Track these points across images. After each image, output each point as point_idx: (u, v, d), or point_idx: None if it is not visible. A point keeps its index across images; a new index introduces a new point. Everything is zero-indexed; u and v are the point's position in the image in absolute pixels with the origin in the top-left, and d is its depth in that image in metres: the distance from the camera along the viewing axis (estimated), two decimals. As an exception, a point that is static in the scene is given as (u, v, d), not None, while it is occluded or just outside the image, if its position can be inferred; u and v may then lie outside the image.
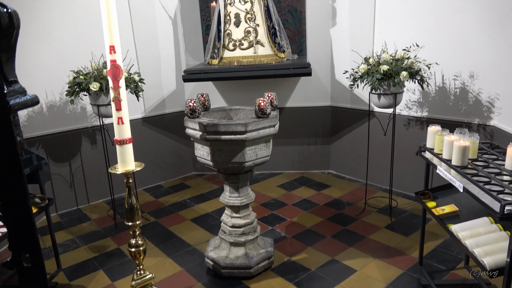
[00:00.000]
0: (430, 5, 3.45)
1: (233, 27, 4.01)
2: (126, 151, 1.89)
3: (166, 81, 4.49)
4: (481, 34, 3.20)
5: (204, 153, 2.54)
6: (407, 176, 3.86)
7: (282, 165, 4.69)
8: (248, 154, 2.44)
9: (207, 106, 2.77)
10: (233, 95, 4.57)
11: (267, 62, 3.97)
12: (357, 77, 3.21)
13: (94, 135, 4.04)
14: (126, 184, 1.94)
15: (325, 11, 4.20)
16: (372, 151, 3.77)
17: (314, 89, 4.43)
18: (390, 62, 3.08)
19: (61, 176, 3.91)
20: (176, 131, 4.61)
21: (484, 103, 3.28)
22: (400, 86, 3.07)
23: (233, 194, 2.67)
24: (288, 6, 4.44)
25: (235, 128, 2.34)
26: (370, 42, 3.90)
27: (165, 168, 4.63)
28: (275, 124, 2.52)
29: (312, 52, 4.27)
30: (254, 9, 3.98)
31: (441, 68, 3.44)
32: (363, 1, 3.90)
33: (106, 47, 1.80)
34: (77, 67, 3.32)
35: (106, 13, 1.74)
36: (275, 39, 4.09)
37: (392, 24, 3.73)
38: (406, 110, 3.80)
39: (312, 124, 4.54)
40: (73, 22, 3.72)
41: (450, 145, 2.20)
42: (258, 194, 4.09)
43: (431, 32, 3.46)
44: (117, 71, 1.83)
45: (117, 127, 1.86)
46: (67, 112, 3.84)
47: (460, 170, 2.08)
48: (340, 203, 3.84)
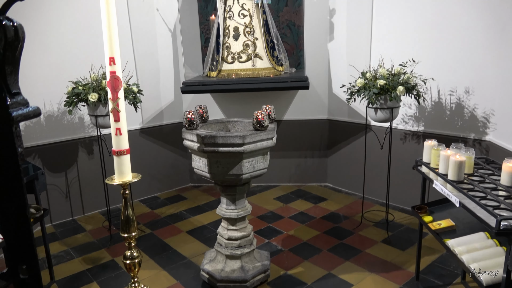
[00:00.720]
0: (425, 22, 3.51)
1: (232, 40, 4.06)
2: (123, 162, 1.89)
3: (164, 92, 4.51)
4: (475, 51, 3.25)
5: (201, 165, 2.54)
6: (404, 190, 3.87)
7: (279, 177, 4.69)
8: (245, 166, 2.44)
9: (205, 118, 2.78)
10: (231, 107, 4.59)
11: (265, 75, 4.00)
12: (354, 91, 3.24)
13: (91, 146, 4.03)
14: (123, 195, 1.94)
15: (323, 26, 4.26)
16: (368, 164, 3.79)
17: (312, 102, 4.46)
18: (387, 76, 3.12)
19: (57, 187, 3.89)
20: (173, 143, 4.61)
21: (480, 119, 3.32)
22: (396, 101, 3.10)
23: (230, 206, 2.66)
24: (286, 21, 4.50)
25: (232, 140, 2.34)
26: (367, 57, 3.95)
27: (161, 179, 4.62)
28: (273, 136, 2.53)
29: (310, 66, 4.32)
30: (253, 23, 4.03)
31: (437, 83, 3.48)
32: (360, 16, 3.96)
33: (106, 59, 1.81)
34: (76, 77, 3.33)
35: (107, 25, 1.76)
36: (274, 53, 4.13)
37: (388, 39, 3.79)
38: (403, 124, 3.83)
39: (309, 137, 4.56)
40: (73, 33, 3.75)
41: (446, 160, 2.22)
42: (255, 206, 4.08)
43: (427, 48, 3.51)
44: (117, 83, 1.84)
45: (115, 138, 1.86)
46: (64, 122, 3.84)
47: (456, 185, 2.09)
48: (336, 217, 3.83)
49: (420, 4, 3.52)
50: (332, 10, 4.20)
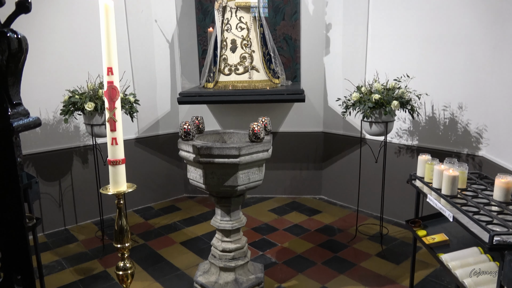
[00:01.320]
0: (420, 38, 3.57)
1: (229, 53, 4.09)
2: (118, 172, 1.88)
3: (161, 102, 4.53)
4: (468, 67, 3.31)
5: (196, 175, 2.54)
6: (398, 204, 3.88)
7: (273, 189, 4.69)
8: (240, 178, 2.45)
9: (202, 129, 2.79)
10: (227, 118, 4.61)
11: (261, 87, 4.03)
12: (350, 105, 3.28)
13: (86, 155, 4.02)
14: (117, 205, 1.92)
15: (319, 40, 4.31)
16: (363, 177, 3.80)
17: (307, 115, 4.50)
18: (382, 91, 3.16)
19: (50, 195, 3.86)
20: (168, 153, 4.60)
21: (473, 134, 3.36)
22: (391, 115, 3.14)
23: (225, 217, 2.65)
24: (283, 34, 4.56)
25: (228, 152, 2.35)
26: (362, 71, 4.01)
27: (156, 190, 4.60)
28: (269, 148, 2.54)
29: (306, 79, 4.36)
30: (250, 36, 4.08)
31: (430, 98, 3.53)
32: (356, 31, 4.02)
33: (104, 69, 1.82)
34: (73, 86, 3.34)
35: (106, 35, 1.77)
36: (270, 65, 4.17)
37: (383, 54, 3.85)
38: (397, 138, 3.87)
39: (304, 149, 4.58)
40: (70, 41, 3.77)
41: (440, 174, 2.24)
42: (249, 218, 4.06)
43: (421, 63, 3.57)
44: (114, 92, 1.84)
45: (110, 148, 1.86)
46: (60, 130, 3.83)
47: (450, 199, 2.11)
48: (331, 229, 3.83)
49: (415, 20, 3.59)
50: (328, 25, 4.26)
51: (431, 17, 3.47)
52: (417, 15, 3.56)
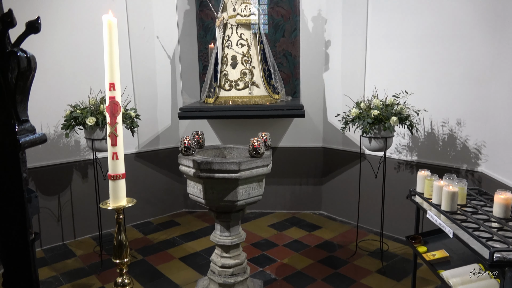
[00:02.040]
0: (418, 55, 3.62)
1: (229, 68, 4.15)
2: (118, 186, 1.89)
3: (161, 117, 4.55)
4: (465, 84, 3.34)
5: (196, 190, 2.54)
6: (398, 220, 3.87)
7: (273, 204, 4.68)
8: (240, 193, 2.45)
9: (202, 144, 2.80)
10: (228, 133, 4.63)
11: (261, 103, 4.07)
12: (349, 120, 3.30)
13: (86, 169, 4.02)
14: (117, 220, 1.92)
15: (318, 56, 4.37)
16: (363, 193, 3.80)
17: (307, 130, 4.52)
18: (381, 107, 3.19)
19: (49, 210, 3.84)
20: (168, 167, 4.61)
21: (472, 150, 3.37)
22: (390, 131, 3.16)
23: (224, 233, 2.64)
24: (283, 51, 4.62)
25: (228, 167, 2.36)
26: (361, 87, 4.05)
27: (155, 204, 4.58)
28: (268, 163, 2.55)
29: (305, 95, 4.40)
30: (250, 52, 4.14)
31: (429, 114, 3.55)
32: (355, 48, 4.08)
33: (106, 84, 1.84)
34: (75, 101, 3.37)
35: (108, 51, 1.80)
36: (270, 81, 4.22)
37: (382, 71, 3.89)
38: (396, 153, 3.88)
39: (304, 164, 4.58)
40: (73, 57, 3.81)
41: (439, 190, 2.24)
42: (249, 233, 4.04)
43: (419, 80, 3.61)
44: (116, 108, 1.86)
45: (111, 162, 1.87)
46: (60, 145, 3.84)
47: (450, 215, 2.11)
48: (331, 245, 3.80)
49: (413, 38, 3.65)
50: (327, 42, 4.33)
51: (429, 35, 3.53)
52: (416, 33, 3.62)
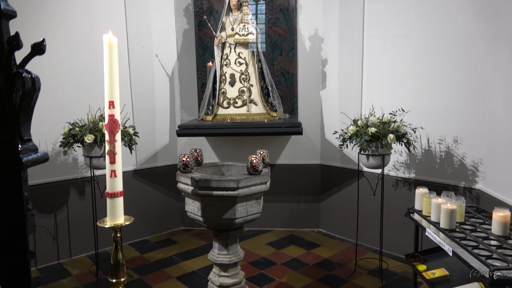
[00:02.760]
0: (414, 73, 3.68)
1: (228, 86, 4.19)
2: (116, 204, 1.87)
3: (160, 134, 4.57)
4: (461, 102, 3.39)
5: (194, 208, 2.53)
6: (397, 237, 3.84)
7: (271, 222, 4.65)
8: (239, 210, 2.44)
9: (200, 161, 2.81)
10: (226, 151, 4.64)
11: (259, 120, 4.09)
12: (347, 138, 3.32)
13: (83, 187, 4.00)
14: (114, 239, 1.90)
15: (316, 75, 4.43)
16: (361, 210, 3.79)
17: (305, 147, 4.54)
18: (378, 124, 3.21)
19: (45, 228, 3.80)
20: (166, 185, 4.59)
21: (469, 167, 3.39)
22: (387, 148, 3.17)
23: (222, 251, 2.62)
24: (281, 69, 4.68)
25: (227, 184, 2.36)
26: (358, 105, 4.09)
27: (152, 222, 4.54)
28: (267, 181, 2.55)
29: (303, 112, 4.44)
30: (248, 70, 4.19)
31: (426, 132, 3.58)
32: (351, 67, 4.14)
33: (106, 102, 1.85)
34: (74, 119, 3.38)
35: (108, 70, 1.82)
36: (268, 99, 4.25)
37: (378, 89, 3.94)
38: (394, 171, 3.89)
39: (302, 181, 4.58)
40: (72, 74, 3.85)
41: (437, 208, 2.25)
42: (247, 252, 4.00)
43: (415, 98, 3.65)
44: (115, 125, 1.87)
45: (109, 180, 1.86)
46: (58, 162, 3.83)
47: (449, 233, 2.10)
48: (330, 264, 3.76)
49: (409, 55, 3.71)
50: (324, 60, 4.39)
51: (425, 53, 3.59)
52: (411, 52, 3.69)
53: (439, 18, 3.47)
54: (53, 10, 3.70)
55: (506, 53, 2.98)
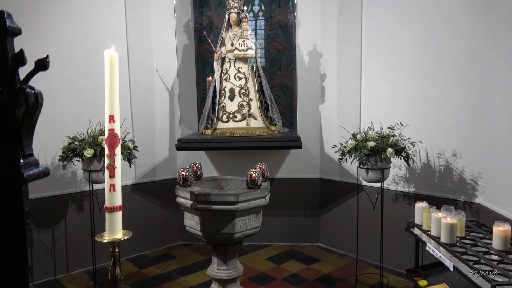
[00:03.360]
0: (412, 87, 3.71)
1: (227, 101, 4.21)
2: (115, 219, 1.87)
3: (159, 148, 4.57)
4: (459, 116, 3.41)
5: (193, 222, 2.52)
6: (398, 252, 3.81)
7: (271, 236, 4.61)
8: (238, 225, 2.43)
9: (199, 175, 2.81)
10: (225, 165, 4.63)
11: (259, 134, 4.11)
12: (346, 152, 3.33)
13: (81, 201, 3.98)
14: (112, 254, 1.89)
15: (314, 89, 4.46)
16: (361, 225, 3.77)
17: (304, 161, 4.54)
18: (377, 138, 3.22)
19: (42, 243, 3.77)
20: (165, 199, 4.57)
21: (468, 181, 3.39)
22: (386, 162, 3.18)
23: (221, 266, 2.59)
24: (280, 83, 4.72)
25: (226, 198, 2.35)
26: (357, 119, 4.11)
27: (151, 237, 4.51)
28: (266, 195, 2.54)
29: (302, 126, 4.45)
30: (248, 85, 4.23)
31: (425, 146, 3.59)
32: (350, 81, 4.18)
33: (106, 117, 1.86)
34: (73, 133, 3.39)
35: (109, 85, 1.83)
36: (267, 113, 4.28)
37: (377, 103, 3.97)
38: (394, 185, 3.88)
39: (302, 195, 4.57)
40: (72, 89, 3.87)
41: (438, 222, 2.24)
42: (246, 267, 3.96)
43: (414, 112, 3.68)
44: (114, 140, 1.88)
45: (108, 194, 1.86)
46: (56, 176, 3.82)
47: (449, 248, 2.09)
48: (330, 279, 3.72)
49: (407, 70, 3.75)
50: (323, 75, 4.44)
51: (423, 67, 3.63)
52: (410, 66, 3.73)
53: (437, 34, 3.51)
54: (54, 24, 3.75)
55: (503, 68, 3.02)
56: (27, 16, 3.58)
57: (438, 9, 3.49)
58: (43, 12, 3.68)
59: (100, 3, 4.02)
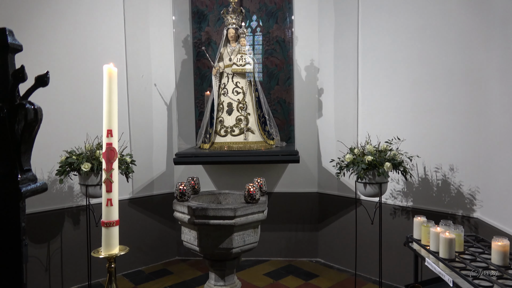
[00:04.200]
0: (409, 102, 3.74)
1: (225, 115, 4.23)
2: (111, 234, 1.85)
3: (157, 162, 4.56)
4: (456, 130, 3.43)
5: (191, 237, 2.50)
6: (396, 267, 3.78)
7: (269, 251, 4.57)
8: (236, 239, 2.41)
9: (197, 189, 2.80)
10: (223, 179, 4.62)
11: (256, 149, 4.11)
12: (343, 166, 3.33)
13: (78, 215, 3.94)
14: (108, 269, 1.86)
15: (312, 104, 4.49)
16: (360, 239, 3.74)
17: (302, 175, 4.53)
18: (374, 153, 3.23)
19: (37, 258, 3.72)
20: (162, 213, 4.54)
21: (466, 195, 3.38)
22: (384, 176, 3.18)
23: (219, 282, 2.56)
24: (277, 98, 4.75)
25: (224, 213, 2.34)
26: (354, 133, 4.13)
27: (147, 252, 4.46)
28: (264, 209, 2.53)
29: (300, 140, 4.47)
30: (246, 99, 4.25)
31: (422, 160, 3.60)
32: (347, 96, 4.21)
33: (104, 131, 1.86)
34: (71, 147, 3.38)
35: (107, 99, 1.84)
36: (265, 127, 4.29)
37: (374, 117, 3.99)
38: (392, 199, 3.88)
39: (299, 210, 4.55)
40: (71, 104, 3.88)
41: (436, 237, 2.23)
42: (244, 282, 3.91)
43: (411, 127, 3.70)
44: (112, 154, 1.87)
45: (105, 209, 1.84)
46: (53, 191, 3.79)
47: (448, 263, 2.08)
48: (329, 295, 3.67)
49: (403, 85, 3.78)
50: (320, 90, 4.47)
51: (420, 82, 3.67)
52: (406, 81, 3.76)
53: (433, 49, 3.56)
54: (53, 39, 3.78)
55: (499, 83, 3.05)
56: (28, 32, 3.61)
57: (434, 24, 3.55)
58: (43, 27, 3.71)
59: (100, 18, 4.06)
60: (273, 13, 4.74)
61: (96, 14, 4.04)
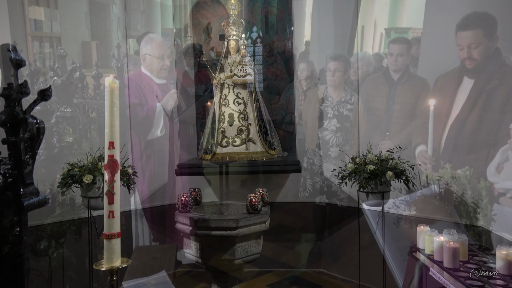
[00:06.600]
0: (408, 112, 3.75)
1: (226, 126, 4.24)
2: (113, 246, 1.84)
3: (158, 174, 4.56)
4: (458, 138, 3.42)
5: (193, 249, 2.48)
6: (401, 277, 3.74)
7: (272, 262, 4.53)
8: (238, 250, 2.40)
9: (199, 200, 2.79)
10: (225, 189, 4.61)
11: (258, 159, 4.11)
12: (345, 175, 3.32)
13: (79, 228, 3.93)
14: (110, 282, 1.85)
15: (313, 113, 4.50)
16: (363, 249, 3.71)
17: (304, 185, 4.52)
18: (376, 162, 3.23)
19: (38, 271, 3.69)
20: (163, 225, 4.51)
21: (469, 204, 3.36)
22: (386, 185, 3.17)
23: (221, 294, 2.54)
24: (278, 108, 4.76)
25: (226, 224, 2.33)
26: (356, 143, 4.13)
27: (149, 264, 4.42)
28: (266, 220, 2.52)
29: (301, 150, 4.46)
30: (247, 110, 4.27)
31: (424, 169, 3.59)
32: (347, 106, 4.23)
33: (106, 143, 1.86)
34: (73, 159, 3.38)
35: (109, 112, 1.85)
36: (266, 137, 4.30)
37: (375, 127, 4.00)
38: (395, 208, 3.85)
39: (302, 220, 4.52)
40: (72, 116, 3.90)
41: (440, 246, 2.22)
42: (246, 294, 3.87)
43: (411, 135, 3.70)
44: (114, 166, 1.87)
45: (107, 221, 1.84)
46: (55, 203, 3.79)
47: (453, 273, 2.06)
48: (332, 307, 3.63)
49: (402, 95, 3.80)
50: (321, 99, 4.48)
51: (418, 91, 3.68)
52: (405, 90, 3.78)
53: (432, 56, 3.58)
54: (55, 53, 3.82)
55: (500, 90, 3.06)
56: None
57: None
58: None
59: (102, 30, 4.11)
60: (272, 24, 4.78)
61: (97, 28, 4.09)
